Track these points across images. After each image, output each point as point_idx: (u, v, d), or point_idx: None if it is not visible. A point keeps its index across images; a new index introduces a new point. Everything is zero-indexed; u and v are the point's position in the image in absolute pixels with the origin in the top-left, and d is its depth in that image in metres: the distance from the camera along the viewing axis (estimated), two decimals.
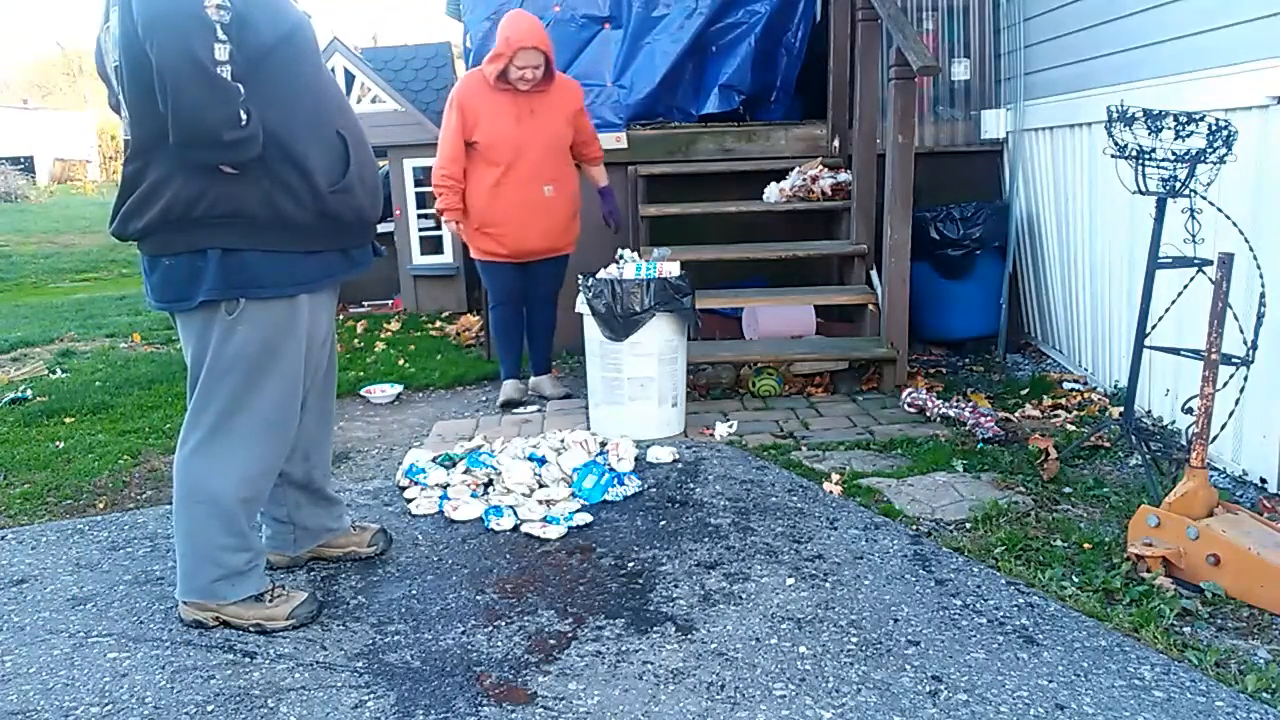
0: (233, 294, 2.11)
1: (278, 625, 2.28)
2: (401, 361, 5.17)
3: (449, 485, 3.16)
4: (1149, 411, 3.57)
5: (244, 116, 1.96)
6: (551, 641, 2.21)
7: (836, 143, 5.04)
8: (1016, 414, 3.76)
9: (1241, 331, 2.65)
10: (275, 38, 2.03)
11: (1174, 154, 2.71)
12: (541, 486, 3.10)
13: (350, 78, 6.52)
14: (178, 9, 1.89)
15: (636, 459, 3.36)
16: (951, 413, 3.69)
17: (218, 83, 1.91)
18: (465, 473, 3.21)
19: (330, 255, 2.24)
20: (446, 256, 6.65)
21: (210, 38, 1.88)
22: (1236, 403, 2.78)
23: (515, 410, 4.18)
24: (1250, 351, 2.60)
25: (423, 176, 6.38)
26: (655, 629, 2.25)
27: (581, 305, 3.67)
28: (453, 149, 3.96)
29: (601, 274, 3.69)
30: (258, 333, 2.16)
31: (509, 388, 4.27)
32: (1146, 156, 2.75)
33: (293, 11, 2.15)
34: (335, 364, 2.55)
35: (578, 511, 2.94)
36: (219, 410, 2.20)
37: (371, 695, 2.02)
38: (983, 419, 3.56)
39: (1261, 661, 2.05)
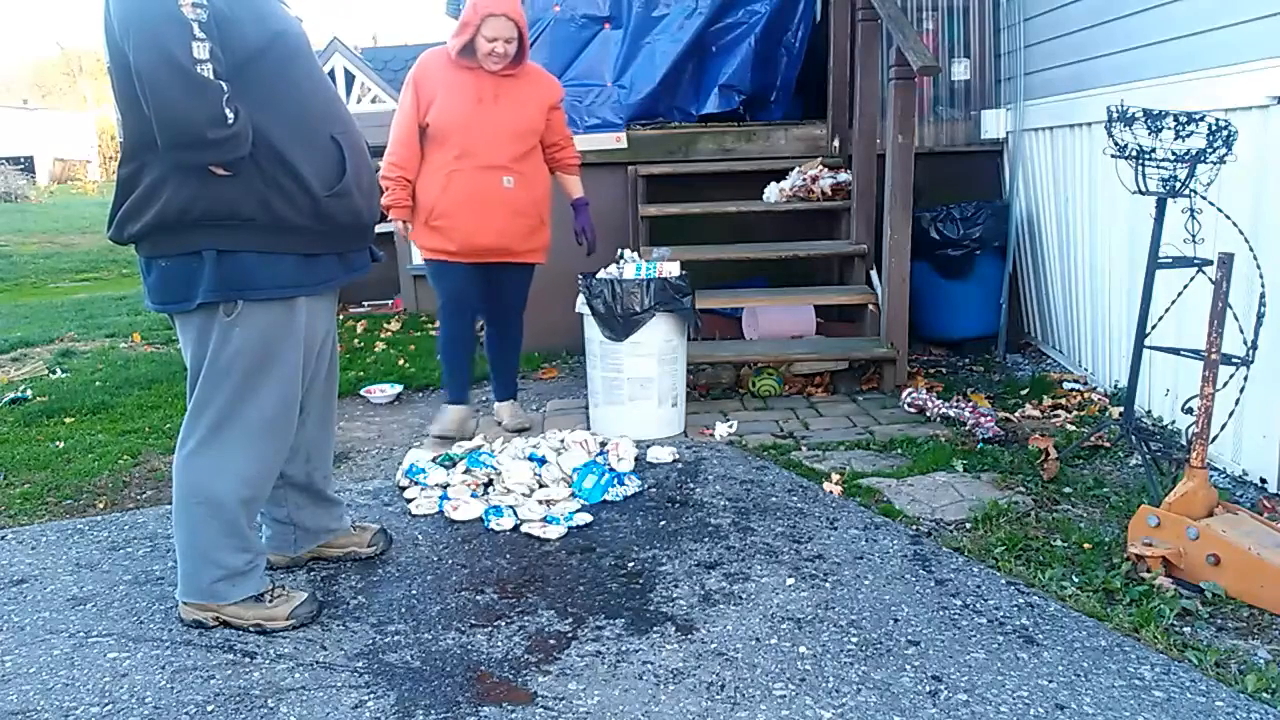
0: (230, 295, 2.11)
1: (278, 625, 2.28)
2: (401, 361, 5.17)
3: (449, 485, 3.16)
4: (1149, 411, 3.57)
5: (229, 115, 1.95)
6: (551, 641, 2.21)
7: (836, 143, 5.04)
8: (1016, 414, 3.76)
9: (1241, 331, 2.65)
10: (262, 40, 2.03)
11: (1174, 154, 2.71)
12: (541, 486, 3.10)
13: (350, 78, 6.52)
14: (152, 8, 1.87)
15: (636, 459, 3.36)
16: (951, 413, 3.69)
17: (196, 81, 1.89)
18: (465, 473, 3.21)
19: (328, 259, 2.24)
20: None
21: (187, 36, 1.87)
22: (1236, 403, 2.78)
23: (450, 443, 3.61)
24: (1250, 351, 2.60)
25: None
26: (655, 629, 2.25)
27: (581, 305, 3.67)
28: (404, 133, 3.46)
29: (601, 274, 3.69)
30: (255, 334, 2.16)
31: (451, 417, 3.73)
32: (1146, 156, 2.75)
33: (282, 15, 2.14)
34: (337, 366, 2.55)
35: (578, 511, 2.94)
36: (218, 411, 2.20)
37: (371, 695, 2.02)
38: (983, 419, 3.56)
39: (1261, 661, 2.05)
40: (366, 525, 2.74)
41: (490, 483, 3.18)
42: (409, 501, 3.09)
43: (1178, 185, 2.73)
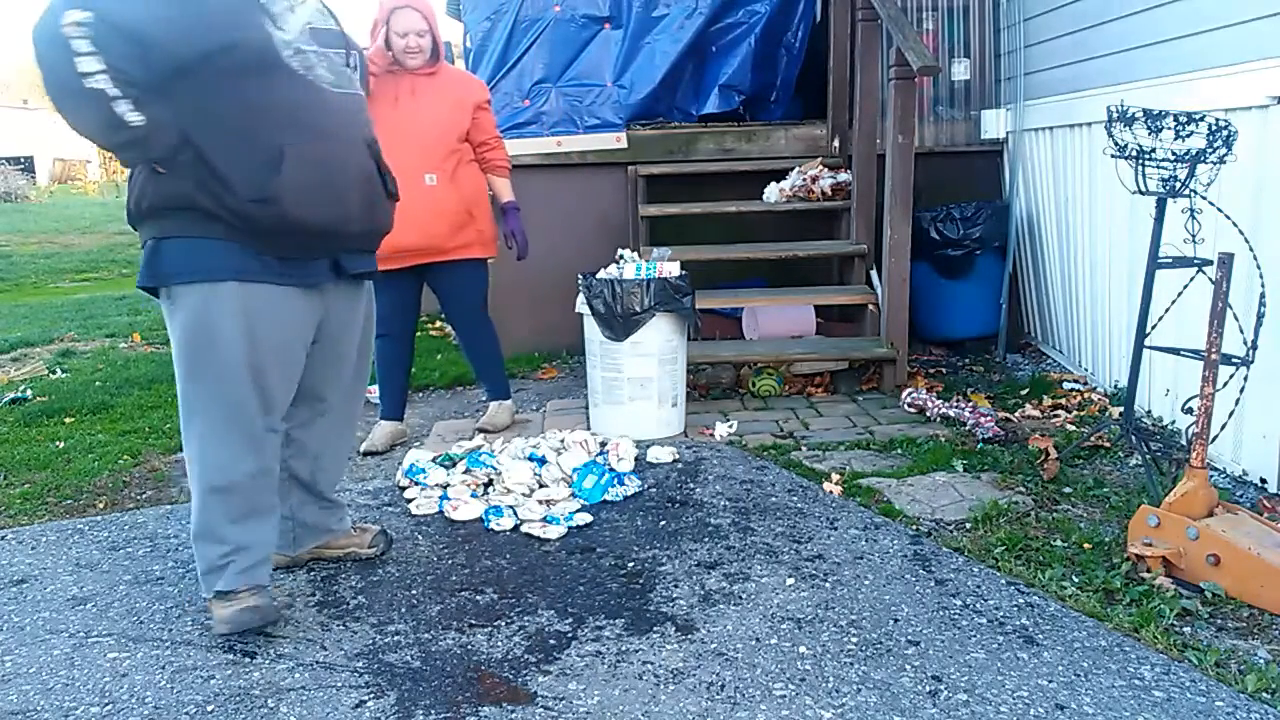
0: (154, 282, 2.21)
1: (217, 628, 2.25)
2: None
3: (449, 485, 3.16)
4: (1149, 411, 3.57)
5: (131, 120, 2.01)
6: (551, 641, 2.21)
7: (836, 143, 5.04)
8: (1016, 414, 3.76)
9: (1241, 331, 2.65)
10: (193, 55, 2.04)
11: (1174, 154, 2.71)
12: (541, 486, 3.10)
13: None
14: (39, 29, 1.99)
15: (636, 459, 3.36)
16: (951, 413, 3.69)
17: (77, 93, 1.99)
18: (465, 473, 3.21)
19: (257, 253, 2.18)
20: None
21: (67, 54, 1.96)
22: (1236, 403, 2.78)
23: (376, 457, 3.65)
24: (1250, 351, 2.60)
25: None
26: (655, 629, 2.26)
27: (581, 305, 3.67)
28: None
29: (601, 274, 3.69)
30: (189, 318, 2.19)
31: (378, 433, 3.72)
32: (1146, 156, 2.75)
33: (233, 31, 2.09)
34: (364, 374, 2.56)
35: (578, 511, 2.94)
36: (181, 395, 2.26)
37: (371, 695, 2.02)
38: (983, 419, 3.56)
39: (1261, 661, 2.05)
40: (367, 526, 2.74)
41: (490, 483, 3.18)
42: (409, 501, 3.09)
43: (1178, 185, 2.73)
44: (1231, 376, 2.70)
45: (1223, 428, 2.87)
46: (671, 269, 3.66)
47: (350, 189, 2.25)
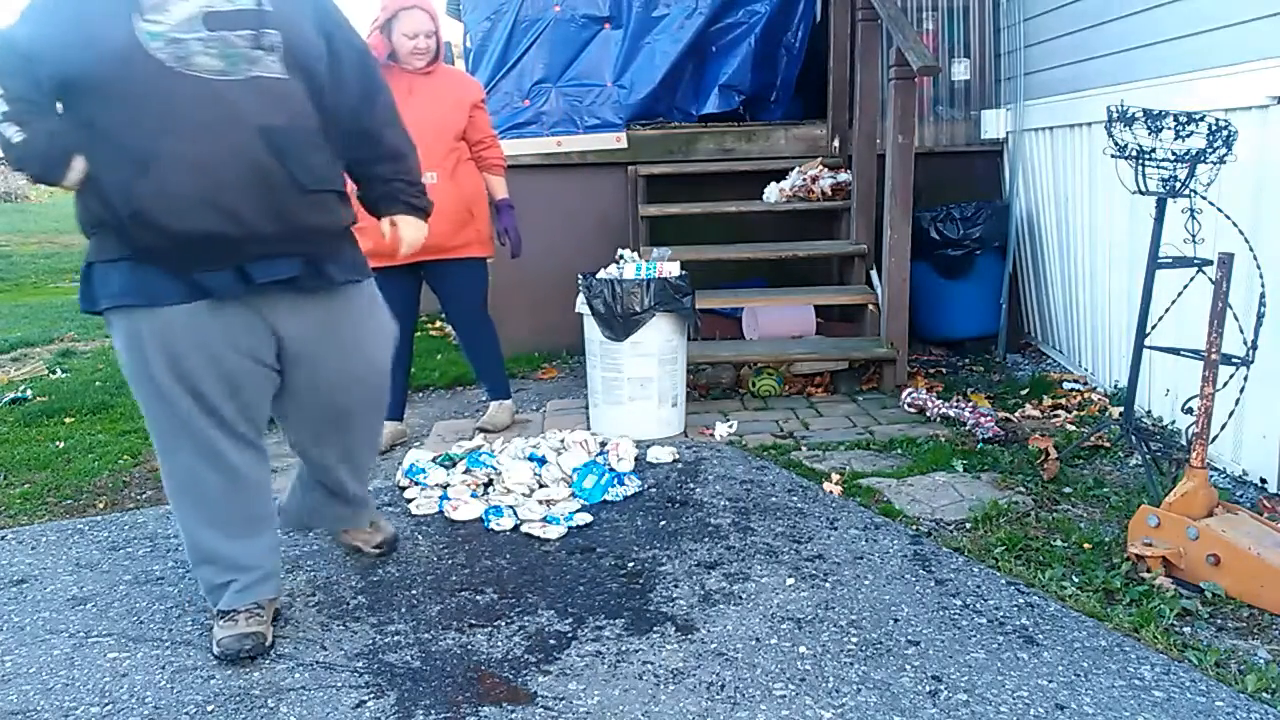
0: (88, 307, 2.18)
1: (214, 650, 2.21)
2: None
3: (449, 485, 3.16)
4: (1149, 411, 3.57)
5: (14, 139, 2.01)
6: (551, 641, 2.21)
7: (836, 143, 5.04)
8: (1016, 414, 3.76)
9: (1241, 331, 2.65)
10: (67, 76, 2.02)
11: (1174, 154, 2.71)
12: (541, 486, 3.10)
13: None
14: None
15: (636, 459, 3.36)
16: (951, 413, 3.69)
17: None
18: (465, 473, 3.21)
19: (160, 275, 2.09)
20: None
21: None
22: (1236, 403, 2.78)
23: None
24: (1250, 351, 2.60)
25: None
26: (655, 629, 2.26)
27: (581, 305, 3.67)
28: None
29: (601, 274, 3.69)
30: (118, 342, 2.17)
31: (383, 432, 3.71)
32: (1146, 156, 2.75)
33: (96, 44, 2.00)
34: (371, 380, 2.41)
35: (578, 511, 2.94)
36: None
37: (371, 695, 2.02)
38: (983, 419, 3.56)
39: (1261, 661, 2.05)
40: (382, 526, 2.72)
41: (490, 483, 3.18)
42: (409, 501, 3.09)
43: (1178, 185, 2.73)
44: (1231, 376, 2.70)
45: (1223, 428, 2.87)
46: (671, 269, 3.66)
47: (233, 188, 2.01)
